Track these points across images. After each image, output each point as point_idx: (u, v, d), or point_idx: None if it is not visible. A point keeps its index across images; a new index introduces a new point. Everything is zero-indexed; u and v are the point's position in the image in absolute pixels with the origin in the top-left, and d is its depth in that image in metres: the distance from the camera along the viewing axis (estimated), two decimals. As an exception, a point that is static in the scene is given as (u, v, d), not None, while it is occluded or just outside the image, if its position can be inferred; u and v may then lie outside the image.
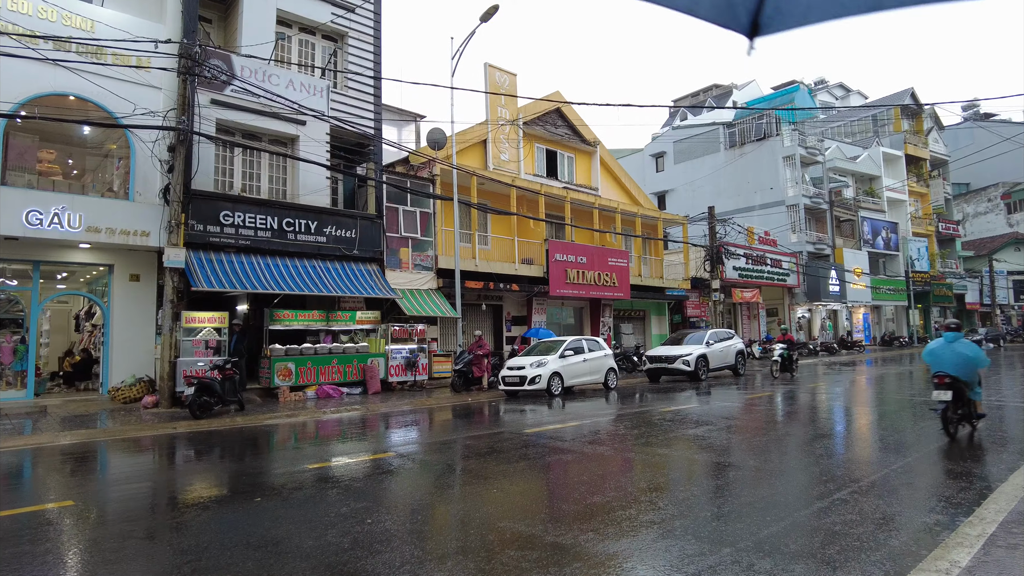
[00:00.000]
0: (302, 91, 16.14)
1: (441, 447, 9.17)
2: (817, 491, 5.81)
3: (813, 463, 7.21)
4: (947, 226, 48.01)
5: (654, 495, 5.73)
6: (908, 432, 9.31)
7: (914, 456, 7.41)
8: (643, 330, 27.95)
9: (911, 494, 5.71)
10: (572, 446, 8.49)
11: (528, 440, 9.14)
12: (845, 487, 5.90)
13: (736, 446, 8.38)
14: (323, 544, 4.47)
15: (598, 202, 24.23)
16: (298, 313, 15.82)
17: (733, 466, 7.06)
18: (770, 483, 6.16)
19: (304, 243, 15.94)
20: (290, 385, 15.10)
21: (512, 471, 7.01)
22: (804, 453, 7.89)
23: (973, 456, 7.41)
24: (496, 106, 22.02)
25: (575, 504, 5.55)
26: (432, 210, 18.71)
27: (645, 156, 45.34)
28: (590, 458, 7.67)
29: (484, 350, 16.52)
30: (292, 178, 16.44)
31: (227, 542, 4.58)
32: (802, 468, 7.00)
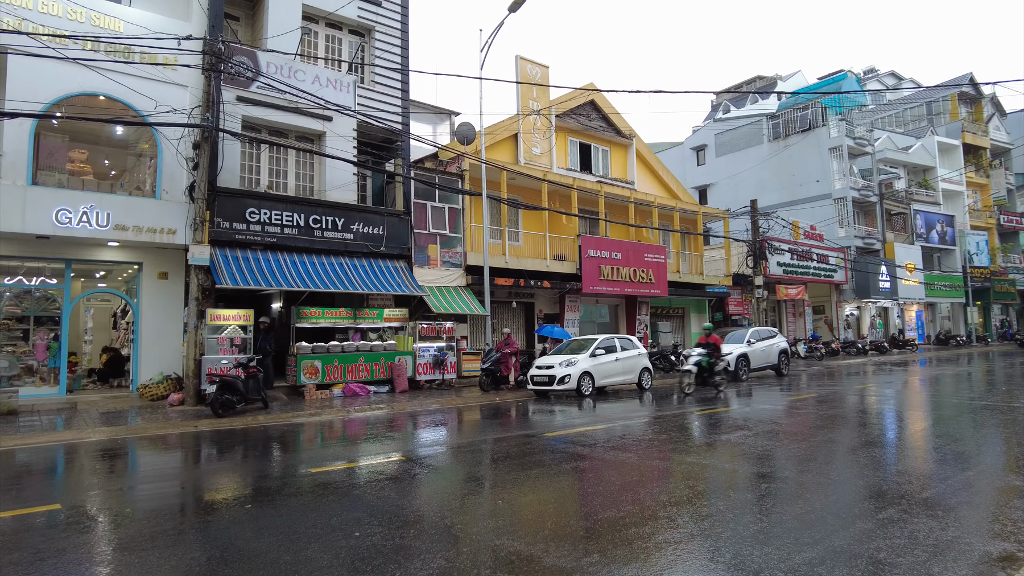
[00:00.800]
0: (328, 87, 15.97)
1: (455, 451, 8.76)
2: (861, 508, 5.18)
3: (858, 475, 6.53)
4: (1009, 218, 45.38)
5: (674, 510, 5.19)
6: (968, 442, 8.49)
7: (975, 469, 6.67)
8: (682, 328, 27.09)
9: (971, 514, 5.03)
10: (593, 452, 7.98)
11: (547, 445, 8.66)
12: (894, 504, 5.25)
13: (772, 454, 7.73)
14: (300, 560, 4.10)
15: (633, 196, 23.52)
16: (325, 311, 15.66)
17: (767, 477, 6.44)
18: (807, 498, 5.55)
19: (331, 240, 15.78)
20: (316, 383, 14.96)
21: (524, 479, 6.55)
22: (849, 463, 7.20)
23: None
24: (527, 99, 21.54)
25: (586, 519, 5.06)
26: (461, 206, 18.36)
27: (685, 149, 44.20)
28: (610, 466, 7.15)
29: (512, 348, 16.11)
30: (319, 175, 16.31)
31: (197, 558, 4.25)
32: (846, 480, 6.34)
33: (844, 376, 20.10)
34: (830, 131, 36.25)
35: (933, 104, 46.25)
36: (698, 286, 26.33)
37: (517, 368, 16.30)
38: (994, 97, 48.53)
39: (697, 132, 44.51)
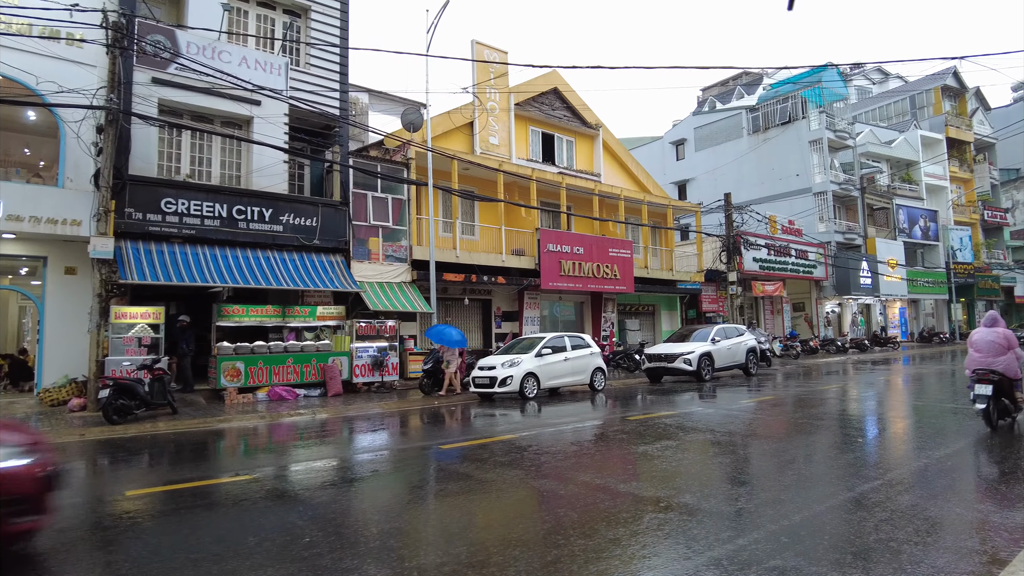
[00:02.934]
0: (257, 69, 14.89)
1: (332, 468, 7.74)
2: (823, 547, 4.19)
3: (827, 511, 5.54)
4: (994, 214, 44.67)
5: (517, 551, 4.18)
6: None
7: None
8: (652, 326, 26.13)
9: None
10: (476, 470, 6.96)
11: (432, 458, 7.65)
12: (875, 532, 4.26)
13: (708, 472, 6.74)
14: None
15: (598, 188, 22.52)
16: (249, 308, 14.59)
17: (690, 510, 5.42)
18: (743, 534, 4.55)
19: (258, 232, 14.70)
20: (239, 386, 13.89)
21: (392, 502, 5.54)
22: (779, 483, 6.21)
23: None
24: (484, 86, 20.51)
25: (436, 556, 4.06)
26: (407, 197, 17.31)
27: (665, 144, 43.25)
28: (481, 489, 6.14)
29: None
30: (247, 163, 15.22)
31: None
32: (767, 514, 5.35)
33: (817, 376, 19.19)
34: (810, 124, 35.38)
35: (916, 97, 45.54)
36: (668, 282, 25.38)
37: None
38: (978, 91, 47.84)
39: (676, 126, 43.60)
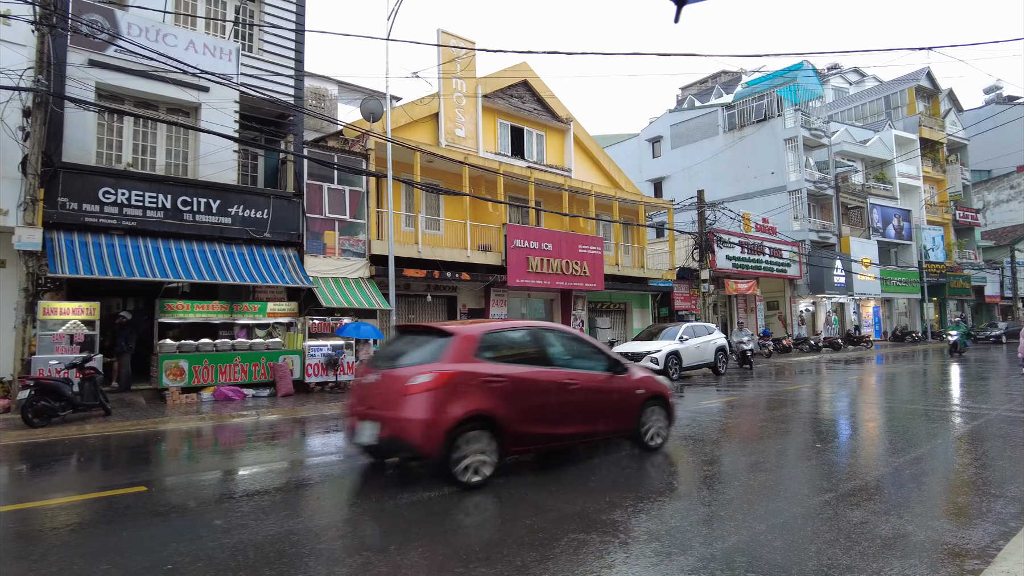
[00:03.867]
0: (206, 54, 14.19)
1: (243, 478, 7.16)
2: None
3: (769, 531, 5.07)
4: (965, 214, 45.02)
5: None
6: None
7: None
8: (624, 324, 25.73)
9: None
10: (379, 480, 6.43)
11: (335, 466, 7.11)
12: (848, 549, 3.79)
13: (649, 484, 6.26)
14: None
15: (568, 183, 22.04)
16: (195, 304, 13.89)
17: (614, 529, 4.92)
18: (666, 559, 4.06)
19: (204, 225, 13.99)
20: (182, 386, 13.19)
21: (291, 521, 4.99)
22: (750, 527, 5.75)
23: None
24: (451, 77, 19.91)
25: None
26: (365, 189, 16.68)
27: (641, 141, 42.95)
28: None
29: None
30: (194, 152, 14.49)
31: None
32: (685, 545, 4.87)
33: (788, 375, 18.92)
34: (785, 122, 35.24)
35: (891, 98, 45.74)
36: (640, 280, 24.99)
37: None
38: (951, 92, 48.22)
39: (653, 123, 43.31)
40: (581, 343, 7.52)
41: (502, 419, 5.99)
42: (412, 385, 5.81)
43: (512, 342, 6.85)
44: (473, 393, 5.93)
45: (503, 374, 6.20)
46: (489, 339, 6.50)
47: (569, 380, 6.68)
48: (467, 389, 5.87)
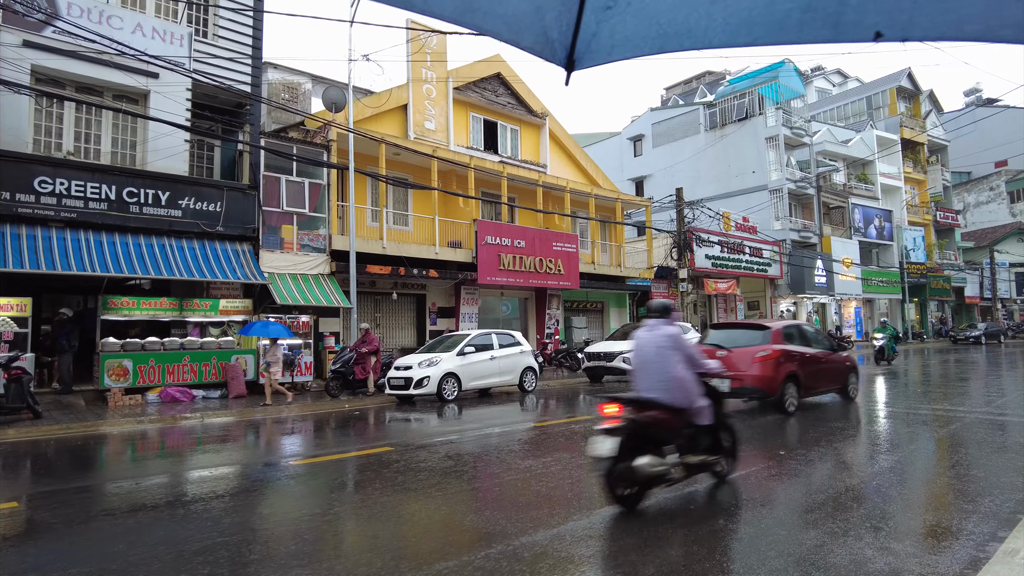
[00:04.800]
0: (155, 38, 13.51)
1: (144, 488, 6.55)
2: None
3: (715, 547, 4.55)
4: (945, 215, 45.07)
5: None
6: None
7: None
8: (600, 324, 25.25)
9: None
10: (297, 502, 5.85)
11: (279, 478, 6.52)
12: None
13: (570, 498, 5.72)
14: None
15: (542, 179, 21.51)
16: (141, 300, 13.21)
17: (516, 557, 4.38)
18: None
19: (152, 217, 13.30)
20: (126, 387, 12.50)
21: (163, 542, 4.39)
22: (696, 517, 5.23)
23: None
24: (420, 67, 19.31)
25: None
26: (326, 182, 16.04)
27: (622, 140, 42.56)
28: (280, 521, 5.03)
29: (371, 347, 13.79)
30: (143, 141, 13.79)
31: None
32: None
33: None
34: (767, 120, 34.99)
35: (873, 98, 45.70)
36: (617, 279, 24.52)
37: (377, 370, 14.08)
38: (932, 94, 48.30)
39: (635, 122, 42.92)
40: (818, 332, 12.15)
41: (800, 376, 10.29)
42: (759, 356, 10.06)
43: (793, 332, 11.06)
44: (788, 361, 10.26)
45: (797, 350, 10.58)
46: (786, 331, 10.83)
47: (819, 354, 11.12)
48: (786, 359, 10.02)
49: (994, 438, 7.81)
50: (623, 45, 1.75)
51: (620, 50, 1.76)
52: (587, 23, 1.68)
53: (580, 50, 1.75)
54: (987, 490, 5.32)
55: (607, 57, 1.78)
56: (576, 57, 1.76)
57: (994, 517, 4.55)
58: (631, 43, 1.75)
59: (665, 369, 4.90)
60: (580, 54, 1.76)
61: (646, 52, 1.76)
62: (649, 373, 5.00)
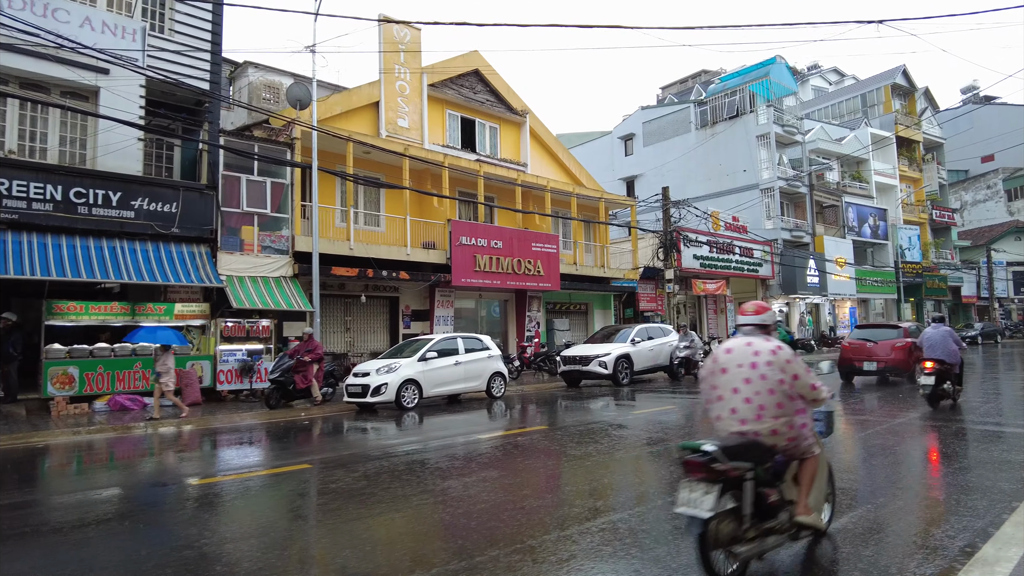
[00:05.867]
0: (106, 32, 12.99)
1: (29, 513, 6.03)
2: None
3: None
4: (942, 213, 44.47)
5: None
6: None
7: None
8: (585, 326, 24.70)
9: None
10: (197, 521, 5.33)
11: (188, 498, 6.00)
12: None
13: (501, 530, 5.19)
14: None
15: (521, 178, 20.98)
16: (89, 305, 12.67)
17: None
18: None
19: (102, 218, 12.79)
20: (71, 395, 12.01)
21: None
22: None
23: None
24: (393, 64, 18.80)
25: None
26: (290, 181, 15.52)
27: (613, 139, 42.05)
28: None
29: (314, 355, 12.80)
30: (93, 140, 13.29)
31: None
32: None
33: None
34: (758, 118, 34.42)
35: (867, 96, 45.13)
36: (602, 280, 23.98)
37: (320, 378, 13.10)
38: (927, 91, 47.72)
39: (626, 120, 42.41)
40: (918, 328, 15.75)
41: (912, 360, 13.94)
42: (897, 346, 14.18)
43: (913, 329, 15.50)
44: (916, 349, 12.81)
45: (913, 342, 14.24)
46: (909, 329, 15.45)
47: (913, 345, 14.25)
48: (914, 347, 12.58)
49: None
50: None
51: None
52: None
53: None
54: None
55: None
56: None
57: None
58: None
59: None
60: None
61: None
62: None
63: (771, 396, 3.65)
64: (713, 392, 3.88)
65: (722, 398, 3.81)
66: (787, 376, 3.68)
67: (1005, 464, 6.29)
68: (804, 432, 3.76)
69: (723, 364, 3.85)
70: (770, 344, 3.77)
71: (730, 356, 3.83)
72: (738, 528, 3.37)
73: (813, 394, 3.76)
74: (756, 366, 3.70)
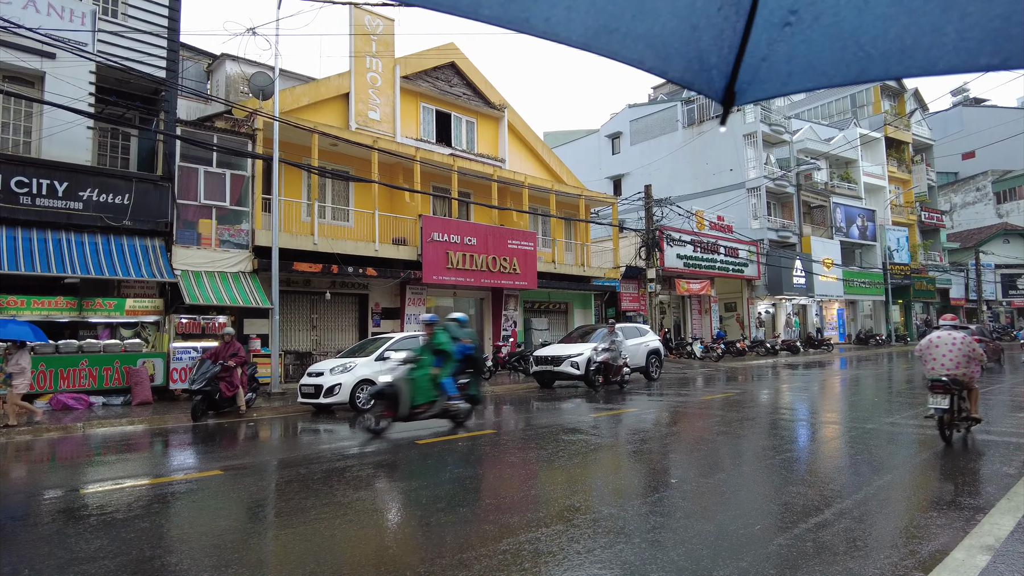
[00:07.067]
0: (51, 14, 12.50)
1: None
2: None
3: None
4: (930, 215, 44.20)
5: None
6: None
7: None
8: (565, 326, 24.23)
9: None
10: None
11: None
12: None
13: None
14: None
15: (497, 174, 20.49)
16: (32, 300, 12.11)
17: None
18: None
19: (46, 210, 12.25)
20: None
21: None
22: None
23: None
24: (365, 55, 18.30)
25: None
26: (251, 173, 14.99)
27: (600, 137, 41.63)
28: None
29: (239, 358, 11.33)
30: (37, 127, 12.74)
31: None
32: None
33: (725, 381, 17.51)
34: (745, 117, 34.01)
35: (857, 96, 44.84)
36: (582, 279, 23.52)
37: (245, 384, 11.64)
38: (916, 92, 47.48)
39: (613, 119, 41.94)
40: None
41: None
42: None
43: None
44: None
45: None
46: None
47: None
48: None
49: None
50: (804, 72, 1.45)
51: (800, 78, 1.47)
52: (756, 44, 1.39)
53: (744, 79, 1.48)
54: None
55: (781, 88, 1.50)
56: (739, 88, 1.49)
57: None
58: (816, 69, 1.44)
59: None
60: (744, 84, 1.49)
61: (837, 81, 1.44)
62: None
63: (962, 358, 7.51)
64: (929, 353, 7.73)
65: (934, 357, 7.67)
66: (968, 348, 7.56)
67: None
68: (975, 376, 7.61)
69: (936, 343, 7.73)
70: (960, 333, 7.73)
71: (939, 339, 7.74)
72: (952, 416, 7.44)
73: (981, 358, 7.68)
74: (955, 342, 7.59)
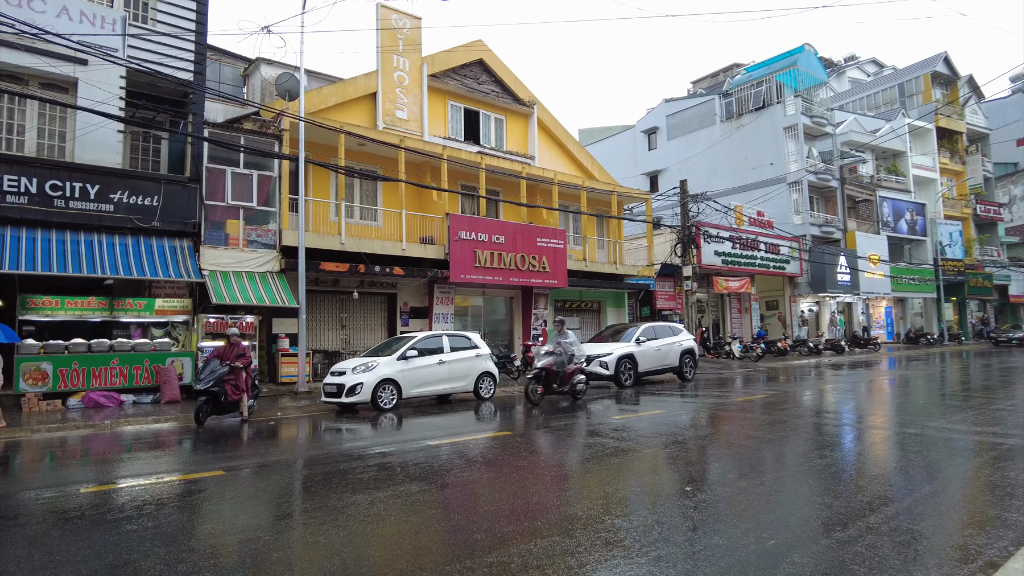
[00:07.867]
0: (83, 22, 12.77)
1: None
2: None
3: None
4: (987, 208, 42.07)
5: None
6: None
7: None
8: (598, 325, 23.82)
9: None
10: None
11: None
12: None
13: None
14: None
15: (526, 171, 20.24)
16: (66, 300, 12.41)
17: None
18: None
19: (79, 212, 12.53)
20: (44, 391, 11.74)
21: None
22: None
23: None
24: (391, 53, 18.28)
25: None
26: (277, 173, 15.09)
27: (636, 133, 40.92)
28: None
29: (244, 360, 10.73)
30: (72, 131, 13.04)
31: None
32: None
33: (761, 382, 16.89)
34: (785, 109, 32.95)
35: (905, 85, 43.07)
36: (615, 277, 23.09)
37: (249, 388, 10.93)
38: (971, 79, 45.26)
39: (649, 114, 41.24)
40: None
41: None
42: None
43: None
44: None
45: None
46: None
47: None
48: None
49: None
50: None
51: None
52: None
53: None
54: None
55: None
56: None
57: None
58: None
59: None
60: None
61: None
62: None
63: None
64: None
65: None
66: None
67: None
68: None
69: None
70: None
71: None
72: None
73: None
74: None
